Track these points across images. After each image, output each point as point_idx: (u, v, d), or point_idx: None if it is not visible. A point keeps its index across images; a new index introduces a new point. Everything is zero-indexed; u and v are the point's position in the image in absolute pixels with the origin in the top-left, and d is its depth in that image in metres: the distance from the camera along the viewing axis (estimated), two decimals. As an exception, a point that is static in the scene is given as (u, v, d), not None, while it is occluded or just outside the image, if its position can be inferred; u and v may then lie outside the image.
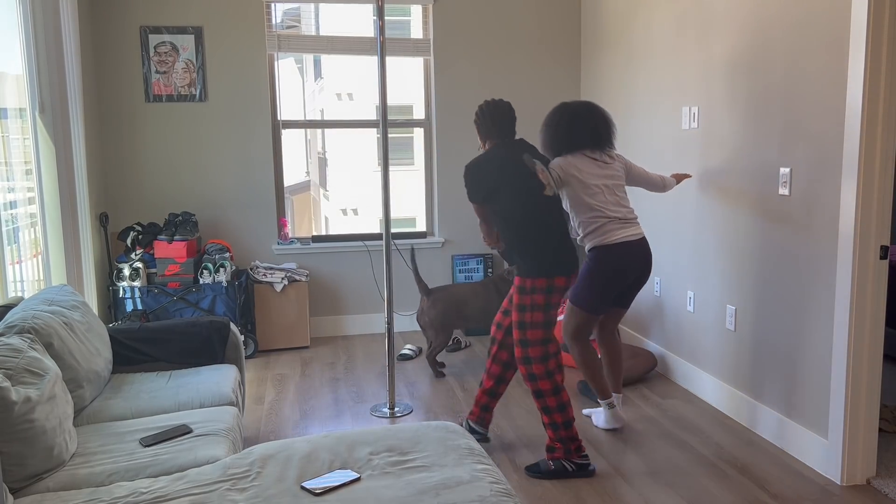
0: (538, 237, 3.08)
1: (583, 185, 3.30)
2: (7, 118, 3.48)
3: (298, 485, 2.11)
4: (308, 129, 8.46)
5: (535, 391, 3.11)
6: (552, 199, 3.13)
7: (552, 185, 3.09)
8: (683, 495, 2.93)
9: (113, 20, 4.90)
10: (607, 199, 3.33)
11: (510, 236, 3.14)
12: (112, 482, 2.24)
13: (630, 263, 3.32)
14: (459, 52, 5.38)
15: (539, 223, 3.09)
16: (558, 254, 3.07)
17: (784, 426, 3.33)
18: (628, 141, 4.78)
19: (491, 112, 3.23)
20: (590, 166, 3.33)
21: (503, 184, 3.09)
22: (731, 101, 3.65)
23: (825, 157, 3.02)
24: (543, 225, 3.09)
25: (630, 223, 3.35)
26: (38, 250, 3.76)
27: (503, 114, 3.23)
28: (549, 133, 3.41)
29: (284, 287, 4.99)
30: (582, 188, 3.30)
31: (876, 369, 2.96)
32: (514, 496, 2.06)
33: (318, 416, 3.86)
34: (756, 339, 3.53)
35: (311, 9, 6.31)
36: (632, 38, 4.68)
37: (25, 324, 2.55)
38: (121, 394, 2.96)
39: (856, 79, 2.82)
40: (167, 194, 5.11)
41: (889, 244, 2.90)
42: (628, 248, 3.31)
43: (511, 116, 3.24)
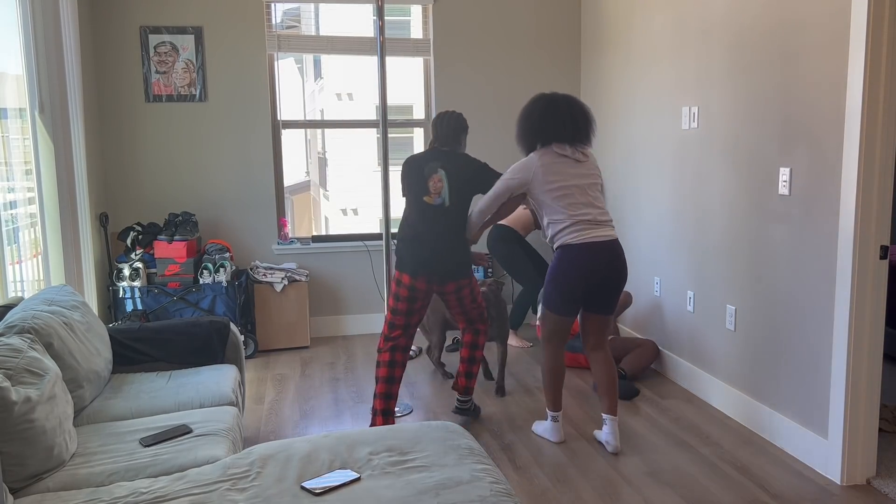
0: (403, 234, 3.46)
1: (551, 190, 3.21)
2: (7, 118, 3.48)
3: (298, 485, 2.11)
4: (308, 129, 8.46)
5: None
6: (428, 206, 3.41)
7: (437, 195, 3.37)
8: (683, 495, 2.92)
9: (113, 20, 4.90)
10: (578, 200, 3.22)
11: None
12: (112, 482, 2.24)
13: (593, 264, 3.18)
14: (459, 52, 5.38)
15: (409, 221, 3.45)
16: (410, 253, 3.40)
17: (784, 426, 3.33)
18: (628, 141, 4.78)
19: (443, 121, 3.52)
20: (562, 166, 3.23)
21: (407, 181, 3.48)
22: (731, 101, 3.65)
23: (825, 157, 3.02)
24: (411, 224, 3.44)
25: (600, 225, 3.22)
26: (37, 250, 3.76)
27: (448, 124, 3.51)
28: (524, 123, 3.36)
29: (284, 287, 4.99)
30: (548, 193, 3.22)
31: (876, 369, 2.96)
32: (514, 496, 2.06)
33: (318, 416, 3.86)
34: (756, 339, 3.53)
35: (310, 9, 6.31)
36: (632, 39, 4.68)
37: (25, 324, 2.55)
38: (121, 394, 2.96)
39: (856, 79, 2.82)
40: (167, 194, 5.11)
41: (889, 244, 2.90)
42: (591, 249, 3.18)
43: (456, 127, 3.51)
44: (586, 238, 3.18)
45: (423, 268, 3.39)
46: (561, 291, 3.25)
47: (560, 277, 3.23)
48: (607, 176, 5.14)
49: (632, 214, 4.79)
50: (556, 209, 3.22)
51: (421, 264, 3.38)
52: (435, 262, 3.38)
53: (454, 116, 3.53)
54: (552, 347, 3.37)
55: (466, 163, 3.46)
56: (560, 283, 3.24)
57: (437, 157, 3.46)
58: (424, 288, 3.42)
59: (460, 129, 3.53)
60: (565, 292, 3.24)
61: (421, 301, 3.46)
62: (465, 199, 3.44)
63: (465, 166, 3.44)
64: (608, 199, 5.15)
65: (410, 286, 3.40)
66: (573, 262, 3.19)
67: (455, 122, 3.51)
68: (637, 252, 4.74)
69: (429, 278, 3.41)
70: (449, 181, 3.39)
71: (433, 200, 3.40)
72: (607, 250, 3.20)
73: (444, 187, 3.38)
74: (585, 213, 3.21)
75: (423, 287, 3.42)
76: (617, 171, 4.98)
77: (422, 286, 3.41)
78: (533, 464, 3.23)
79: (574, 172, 3.24)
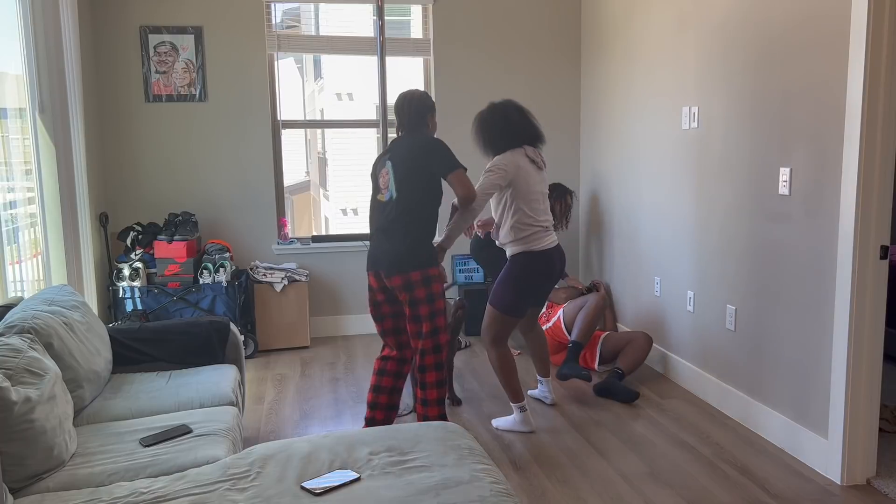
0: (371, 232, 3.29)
1: (527, 191, 3.40)
2: (7, 118, 3.48)
3: (298, 485, 2.11)
4: (308, 129, 8.44)
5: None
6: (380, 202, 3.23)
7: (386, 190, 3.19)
8: (683, 495, 2.92)
9: (113, 20, 4.90)
10: (541, 206, 3.47)
11: None
12: (112, 482, 2.24)
13: (551, 268, 3.48)
14: (459, 52, 5.38)
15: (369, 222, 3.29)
16: (370, 252, 3.26)
17: (784, 426, 3.33)
18: (628, 141, 4.78)
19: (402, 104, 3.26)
20: (532, 170, 3.42)
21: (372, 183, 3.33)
22: (731, 101, 3.65)
23: (825, 157, 3.02)
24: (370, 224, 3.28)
25: (550, 231, 3.52)
26: (38, 250, 3.76)
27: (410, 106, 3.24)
28: (489, 130, 3.47)
29: (284, 287, 4.99)
30: (525, 195, 3.40)
31: (876, 369, 2.96)
32: (514, 496, 2.06)
33: (318, 416, 3.85)
34: (756, 339, 3.53)
35: (310, 9, 6.29)
36: (632, 38, 4.68)
37: (25, 324, 2.55)
38: (121, 394, 2.96)
39: (856, 79, 2.82)
40: (167, 194, 5.11)
41: (889, 244, 2.90)
42: (548, 255, 3.47)
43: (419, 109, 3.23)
44: (545, 245, 3.46)
45: (372, 262, 3.23)
46: (523, 295, 3.46)
47: (524, 283, 3.44)
48: (607, 176, 5.15)
49: (632, 214, 4.78)
50: (526, 213, 3.42)
51: (372, 258, 3.23)
52: (381, 254, 3.18)
53: (417, 98, 3.25)
54: (499, 347, 3.53)
55: (413, 146, 3.18)
56: (522, 287, 3.44)
57: (390, 149, 3.26)
58: (376, 285, 3.24)
59: (425, 111, 3.25)
60: (527, 296, 3.47)
61: (385, 304, 3.27)
62: (412, 188, 3.14)
63: (411, 151, 3.17)
64: (606, 199, 5.15)
65: (369, 284, 3.29)
66: (539, 268, 3.45)
67: (419, 104, 3.23)
68: (637, 252, 4.74)
69: (376, 273, 3.21)
70: (394, 172, 3.17)
71: (384, 197, 3.22)
72: (557, 255, 3.52)
73: (390, 180, 3.18)
74: (546, 219, 3.49)
75: (375, 284, 3.24)
76: (617, 171, 4.98)
77: (374, 283, 3.24)
78: (533, 464, 3.23)
79: (538, 179, 3.47)
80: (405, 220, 3.15)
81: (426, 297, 3.17)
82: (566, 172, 5.65)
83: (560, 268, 3.55)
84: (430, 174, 3.16)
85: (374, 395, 3.35)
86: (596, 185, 5.35)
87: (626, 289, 4.92)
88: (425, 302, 3.17)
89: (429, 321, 3.19)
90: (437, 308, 3.21)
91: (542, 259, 3.45)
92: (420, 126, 3.26)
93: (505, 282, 3.46)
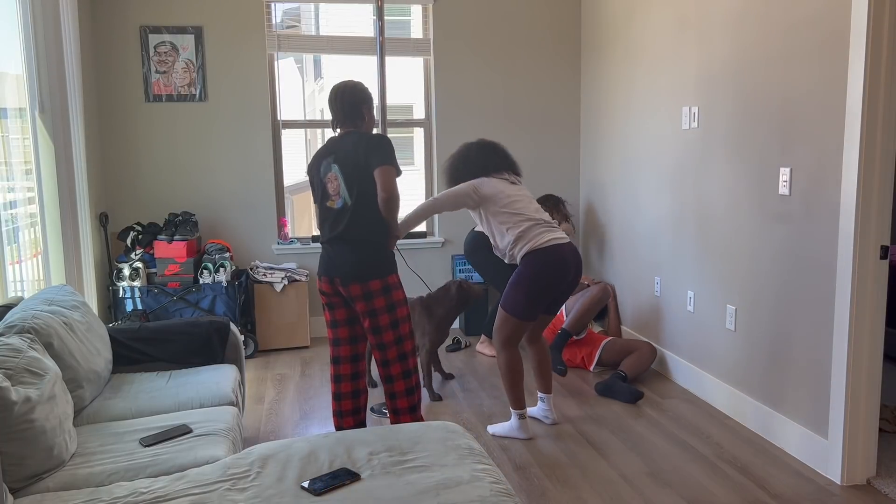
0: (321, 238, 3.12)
1: (502, 198, 3.37)
2: (7, 118, 3.48)
3: (298, 485, 2.11)
4: (308, 129, 8.46)
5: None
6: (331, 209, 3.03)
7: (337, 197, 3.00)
8: (683, 495, 2.92)
9: (113, 20, 4.90)
10: (529, 206, 3.40)
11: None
12: (112, 482, 2.24)
13: (564, 268, 3.30)
14: (459, 52, 5.38)
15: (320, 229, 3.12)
16: (323, 257, 3.08)
17: (784, 426, 3.33)
18: (628, 141, 4.78)
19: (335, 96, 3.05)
20: (504, 184, 3.42)
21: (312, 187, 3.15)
22: (731, 101, 3.65)
23: (825, 157, 3.02)
24: (321, 231, 3.11)
25: (554, 228, 3.38)
26: (38, 250, 3.76)
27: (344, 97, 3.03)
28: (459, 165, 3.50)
29: (284, 287, 4.99)
30: (500, 201, 3.37)
31: (876, 369, 2.96)
32: (514, 496, 2.06)
33: (318, 416, 3.85)
34: (756, 339, 3.53)
35: (310, 9, 6.29)
36: (632, 39, 4.68)
37: (25, 324, 2.55)
38: (121, 394, 2.96)
39: (856, 79, 2.82)
40: (167, 194, 5.11)
41: (889, 244, 2.89)
42: (561, 251, 3.30)
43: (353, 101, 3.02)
44: (551, 241, 3.31)
45: (325, 268, 3.06)
46: (532, 297, 3.31)
47: (535, 284, 3.29)
48: (607, 176, 5.15)
49: (632, 214, 4.78)
50: (512, 214, 3.36)
51: (325, 264, 3.06)
52: (338, 261, 3.00)
53: (349, 89, 3.03)
54: (510, 351, 3.43)
55: (357, 144, 2.96)
56: (532, 289, 3.30)
57: (330, 150, 3.04)
58: (330, 290, 3.08)
59: (359, 102, 3.04)
60: (536, 298, 3.32)
61: (341, 310, 3.12)
62: (364, 191, 2.96)
63: (356, 150, 2.96)
64: (605, 199, 5.15)
65: (321, 290, 3.13)
66: (548, 265, 3.28)
67: (351, 96, 3.02)
68: (637, 252, 4.74)
69: (332, 279, 3.04)
70: (343, 175, 2.97)
71: (335, 203, 3.01)
72: (571, 253, 3.35)
73: (340, 185, 2.98)
74: (539, 217, 3.38)
75: (329, 290, 3.08)
76: (617, 171, 4.98)
77: (327, 288, 3.08)
78: (533, 464, 3.23)
79: (516, 188, 3.45)
80: (361, 228, 2.98)
81: (386, 307, 3.02)
82: (566, 172, 5.65)
83: (574, 267, 3.35)
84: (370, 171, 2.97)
85: (338, 419, 3.22)
86: (596, 184, 5.35)
87: (627, 289, 4.92)
88: (385, 311, 3.02)
89: (391, 330, 3.05)
90: (399, 316, 3.06)
91: (552, 255, 3.28)
92: (356, 120, 3.05)
93: (515, 284, 3.34)
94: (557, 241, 3.32)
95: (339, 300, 3.12)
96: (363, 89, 3.05)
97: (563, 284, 3.35)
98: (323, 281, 3.10)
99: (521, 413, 3.49)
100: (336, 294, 3.10)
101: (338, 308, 3.14)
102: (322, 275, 3.09)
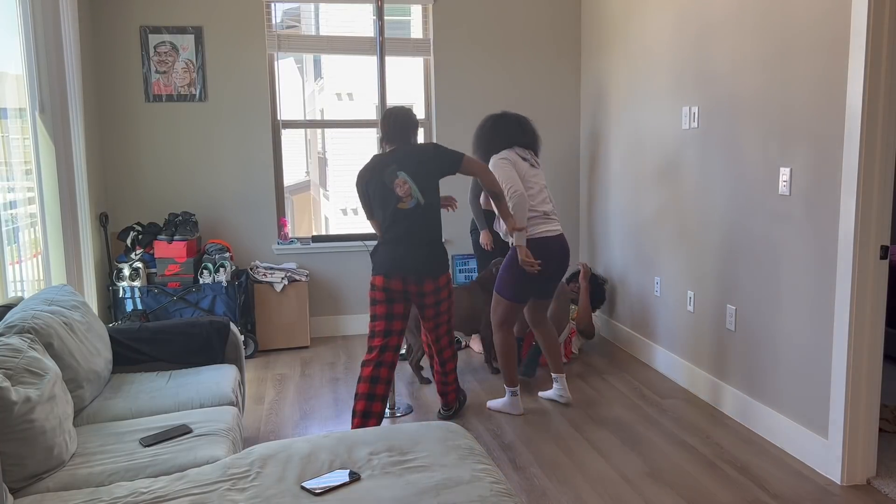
0: (380, 241, 3.43)
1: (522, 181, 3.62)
2: (7, 118, 3.48)
3: (298, 485, 2.11)
4: (308, 129, 8.47)
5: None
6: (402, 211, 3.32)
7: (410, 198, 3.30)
8: (683, 495, 2.92)
9: (113, 20, 4.90)
10: (540, 197, 3.67)
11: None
12: (112, 482, 2.24)
13: (547, 256, 3.62)
14: (459, 52, 5.38)
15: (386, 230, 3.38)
16: (386, 255, 3.36)
17: (784, 426, 3.33)
18: (628, 141, 4.79)
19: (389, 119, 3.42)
20: (525, 166, 3.65)
21: (370, 197, 3.43)
22: (731, 101, 3.65)
23: (825, 157, 3.02)
24: (387, 231, 3.38)
25: (552, 220, 3.69)
26: (38, 250, 3.76)
27: (397, 121, 3.40)
28: (481, 134, 3.79)
29: (284, 287, 4.99)
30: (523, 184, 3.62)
31: (876, 369, 2.96)
32: (514, 496, 2.06)
33: (318, 416, 3.86)
34: (756, 338, 3.53)
35: (310, 9, 6.31)
36: (632, 38, 4.68)
37: (25, 324, 2.55)
38: (121, 394, 2.96)
39: (856, 79, 2.82)
40: (167, 194, 5.11)
41: (889, 244, 2.90)
42: (547, 243, 3.62)
43: (405, 125, 3.40)
44: (540, 233, 3.62)
45: (397, 268, 3.34)
46: (518, 282, 3.64)
47: (518, 269, 3.62)
48: (607, 175, 5.15)
49: (632, 214, 4.78)
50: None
51: (396, 264, 3.34)
52: (411, 260, 3.33)
53: (403, 114, 3.42)
54: (505, 332, 3.76)
55: (420, 151, 3.36)
56: (518, 274, 3.63)
57: (390, 161, 3.36)
58: (400, 289, 3.36)
59: (409, 126, 3.42)
60: (521, 282, 3.64)
61: (400, 304, 3.41)
62: (433, 190, 3.35)
63: (421, 155, 3.35)
64: (605, 198, 5.15)
65: (384, 287, 3.36)
66: (539, 254, 3.59)
67: (401, 121, 3.41)
68: (637, 252, 4.74)
69: (405, 278, 3.34)
70: (414, 179, 3.31)
71: (407, 205, 3.32)
72: (558, 243, 3.67)
73: (412, 187, 3.31)
74: (546, 208, 3.67)
75: (399, 287, 3.36)
76: (617, 170, 4.98)
77: (397, 286, 3.36)
78: (533, 464, 3.23)
79: (533, 173, 3.70)
80: (431, 226, 3.37)
81: (448, 296, 3.52)
82: (566, 172, 5.65)
83: (560, 258, 3.67)
84: (440, 175, 3.37)
85: (367, 402, 3.35)
86: (596, 184, 5.35)
87: (627, 288, 4.92)
88: (447, 300, 3.52)
89: (447, 314, 3.56)
90: (453, 302, 3.66)
91: (538, 245, 3.61)
92: (406, 140, 3.42)
93: (506, 268, 3.68)
94: (547, 234, 3.64)
95: (401, 295, 3.41)
96: (413, 115, 3.46)
97: (546, 271, 3.65)
98: (394, 280, 3.35)
99: (513, 391, 3.80)
100: (403, 293, 3.40)
101: (397, 303, 3.42)
102: (392, 276, 3.35)
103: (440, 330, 3.59)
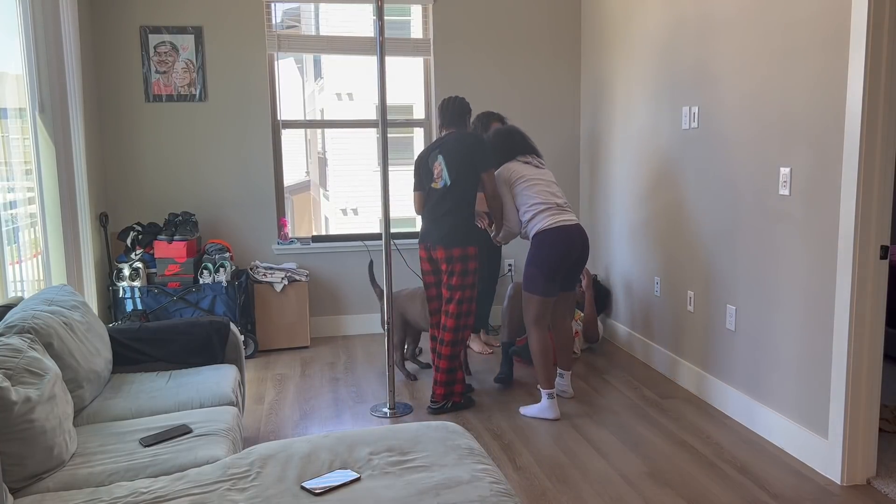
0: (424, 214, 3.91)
1: (524, 181, 3.79)
2: (7, 118, 3.48)
3: (298, 485, 2.11)
4: (308, 129, 8.47)
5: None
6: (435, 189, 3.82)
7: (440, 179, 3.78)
8: (683, 495, 2.93)
9: (113, 20, 4.90)
10: (545, 189, 3.81)
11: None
12: (112, 482, 2.24)
13: (569, 244, 3.67)
14: (459, 52, 5.38)
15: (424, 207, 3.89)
16: (424, 227, 3.87)
17: (784, 426, 3.33)
18: (628, 141, 4.78)
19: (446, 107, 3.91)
20: (527, 168, 3.86)
21: (419, 176, 3.92)
22: (731, 101, 3.65)
23: (825, 157, 3.02)
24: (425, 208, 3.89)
25: (566, 210, 3.77)
26: (38, 250, 3.76)
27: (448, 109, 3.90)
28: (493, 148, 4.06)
29: (284, 287, 4.99)
30: (524, 183, 3.79)
31: (876, 369, 2.96)
32: (514, 496, 2.06)
33: (318, 416, 3.86)
34: (756, 338, 3.53)
35: (310, 9, 6.31)
36: (632, 38, 4.68)
37: (25, 324, 2.55)
38: (121, 394, 2.96)
39: (856, 79, 2.82)
40: (167, 194, 5.11)
41: (889, 244, 2.90)
42: (566, 231, 3.68)
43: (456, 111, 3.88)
44: (558, 222, 3.68)
45: (423, 237, 3.87)
46: (545, 274, 3.67)
47: (543, 261, 3.66)
48: (607, 176, 5.15)
49: (632, 214, 4.78)
50: (530, 195, 3.77)
51: (423, 234, 3.88)
52: (432, 229, 3.80)
53: (455, 101, 3.89)
54: (539, 330, 3.72)
55: (460, 141, 3.78)
56: (543, 266, 3.66)
57: (437, 145, 3.85)
58: (426, 256, 3.87)
59: (463, 112, 3.88)
60: (548, 274, 3.67)
61: (430, 276, 3.90)
62: (464, 175, 3.75)
63: (459, 144, 3.77)
64: (605, 198, 5.15)
65: (420, 255, 3.92)
66: (553, 245, 3.65)
67: (455, 107, 3.88)
68: (637, 252, 4.74)
69: (427, 246, 3.85)
70: (446, 163, 3.77)
71: (438, 185, 3.81)
72: (577, 232, 3.72)
73: (443, 170, 3.77)
74: (552, 200, 3.77)
75: (425, 255, 3.87)
76: (616, 171, 4.98)
77: (423, 254, 3.88)
78: (533, 464, 3.23)
79: (537, 171, 3.87)
80: (452, 204, 3.76)
81: (460, 271, 3.76)
82: (566, 172, 5.65)
83: (580, 244, 3.72)
84: (474, 166, 3.75)
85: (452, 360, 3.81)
86: (596, 184, 5.35)
87: (627, 289, 4.92)
88: (459, 274, 3.76)
89: (459, 291, 3.77)
90: (466, 282, 3.78)
91: (559, 234, 3.65)
92: (461, 124, 3.89)
93: (530, 263, 3.72)
94: (564, 223, 3.69)
95: (432, 267, 3.88)
96: (466, 103, 3.91)
97: (570, 259, 3.69)
98: (421, 247, 3.91)
99: (549, 393, 3.72)
100: (430, 260, 3.88)
101: (431, 273, 3.91)
102: (420, 242, 3.90)
103: (448, 307, 3.80)
